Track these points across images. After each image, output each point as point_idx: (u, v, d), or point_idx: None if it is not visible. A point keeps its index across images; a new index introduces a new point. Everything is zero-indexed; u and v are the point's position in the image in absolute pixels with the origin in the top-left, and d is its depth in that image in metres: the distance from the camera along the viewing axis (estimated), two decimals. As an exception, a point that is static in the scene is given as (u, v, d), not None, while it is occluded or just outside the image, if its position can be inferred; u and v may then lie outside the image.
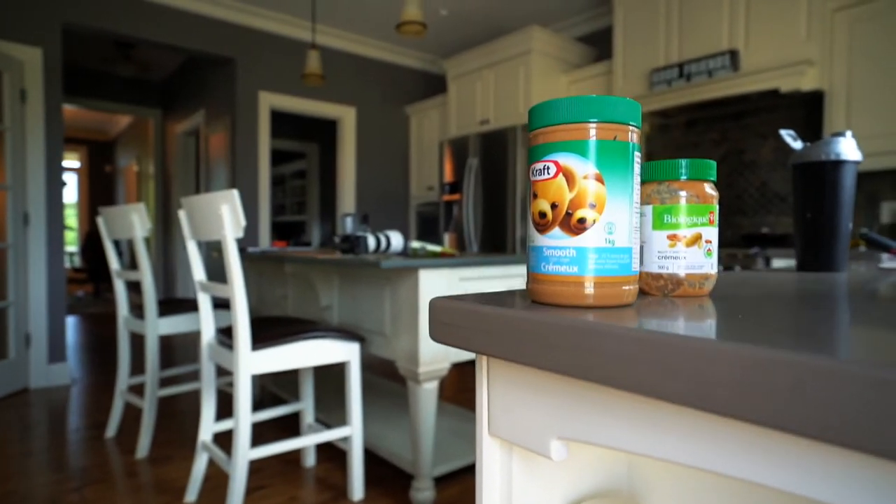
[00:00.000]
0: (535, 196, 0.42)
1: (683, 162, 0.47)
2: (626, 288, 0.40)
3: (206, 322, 1.76)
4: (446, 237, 3.94)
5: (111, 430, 2.34)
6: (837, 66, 2.50)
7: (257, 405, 2.76)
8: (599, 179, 0.39)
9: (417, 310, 1.69)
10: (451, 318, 0.44)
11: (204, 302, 1.76)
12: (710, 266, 0.47)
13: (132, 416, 2.63)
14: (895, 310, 0.39)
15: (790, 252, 2.36)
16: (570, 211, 0.39)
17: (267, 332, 1.64)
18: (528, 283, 0.43)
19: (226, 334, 1.69)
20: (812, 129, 2.84)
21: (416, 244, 1.85)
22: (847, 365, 0.22)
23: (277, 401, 2.84)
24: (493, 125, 3.84)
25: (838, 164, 0.80)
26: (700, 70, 2.79)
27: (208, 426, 1.77)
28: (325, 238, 6.51)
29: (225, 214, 1.51)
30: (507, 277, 1.92)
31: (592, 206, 0.39)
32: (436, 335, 0.46)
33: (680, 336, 0.29)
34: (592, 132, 0.39)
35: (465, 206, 3.79)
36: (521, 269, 1.96)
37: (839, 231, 0.81)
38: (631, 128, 0.40)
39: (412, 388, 1.74)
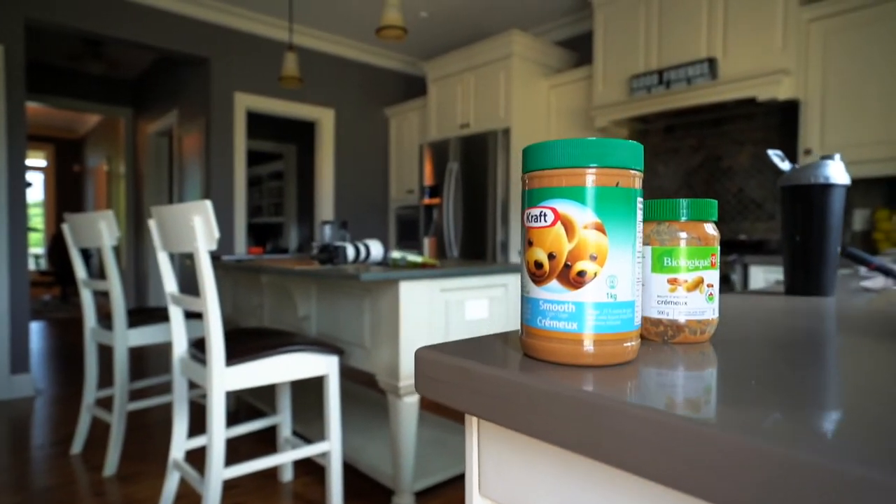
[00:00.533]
0: (531, 244, 0.38)
1: (684, 202, 0.45)
2: (628, 344, 0.37)
3: (178, 336, 1.70)
4: (426, 242, 3.90)
5: (77, 446, 2.25)
6: (812, 76, 2.54)
7: (233, 417, 2.69)
8: (600, 229, 0.36)
9: (398, 322, 1.65)
10: (437, 374, 0.41)
11: (175, 315, 1.69)
12: (712, 311, 0.45)
13: (100, 430, 2.54)
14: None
15: (767, 259, 2.38)
16: (568, 263, 0.36)
17: (242, 345, 1.58)
18: (521, 334, 0.40)
19: (199, 348, 1.63)
20: (787, 137, 2.88)
21: (396, 254, 1.81)
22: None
23: (254, 412, 2.77)
24: (473, 129, 3.82)
25: (827, 187, 0.79)
26: (679, 77, 2.81)
27: (180, 443, 1.71)
28: (303, 241, 6.41)
29: (197, 226, 1.45)
30: (488, 287, 1.89)
31: (593, 258, 0.36)
32: (422, 389, 0.42)
33: (691, 421, 0.26)
34: (593, 178, 0.36)
35: (445, 210, 3.76)
36: (503, 279, 1.94)
37: (827, 255, 0.80)
38: (633, 173, 0.37)
39: (393, 402, 1.70)
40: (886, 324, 0.54)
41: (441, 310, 1.75)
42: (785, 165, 0.86)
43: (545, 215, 0.37)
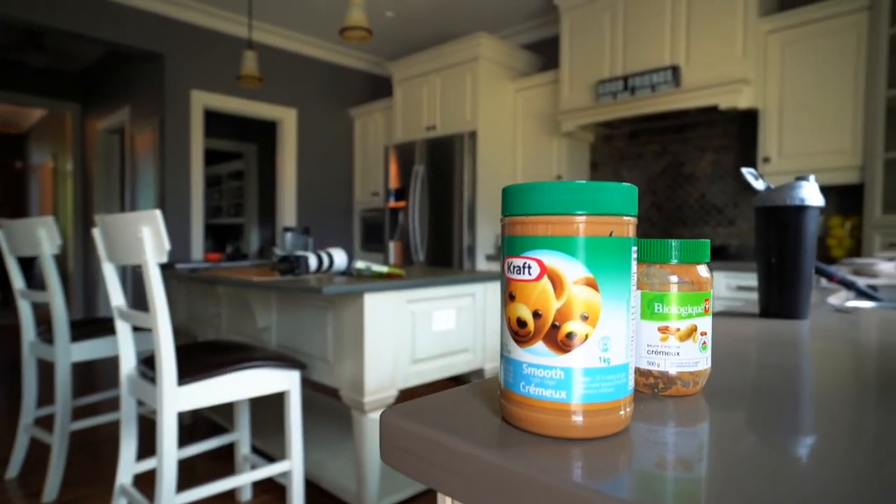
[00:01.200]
0: (513, 298, 0.34)
1: (674, 243, 0.41)
2: (622, 413, 0.33)
3: (126, 352, 1.59)
4: (392, 245, 3.83)
5: (13, 470, 2.09)
6: (770, 86, 2.59)
7: (189, 432, 2.57)
8: (592, 285, 0.32)
9: (362, 335, 1.59)
10: (406, 444, 0.36)
11: (123, 330, 1.58)
12: (706, 361, 0.41)
13: (40, 452, 2.38)
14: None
15: (729, 265, 2.42)
16: (556, 323, 0.32)
17: (195, 362, 1.49)
18: (501, 397, 0.36)
19: (148, 365, 1.53)
20: (747, 144, 2.94)
21: (360, 264, 1.75)
22: None
23: (212, 427, 2.65)
24: (439, 131, 3.77)
25: (802, 209, 0.77)
26: (644, 84, 2.83)
27: (128, 467, 1.60)
28: (264, 243, 6.23)
29: (146, 238, 1.35)
30: (455, 297, 1.85)
31: (584, 318, 0.32)
32: (389, 459, 0.37)
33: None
34: (583, 227, 0.32)
35: (411, 213, 3.70)
36: (470, 288, 1.90)
37: (802, 277, 0.78)
38: (628, 220, 0.33)
39: (357, 418, 1.64)
40: (868, 360, 0.51)
41: (407, 321, 1.70)
42: (759, 184, 0.85)
43: (529, 268, 0.33)
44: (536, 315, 0.33)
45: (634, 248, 0.34)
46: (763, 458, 0.29)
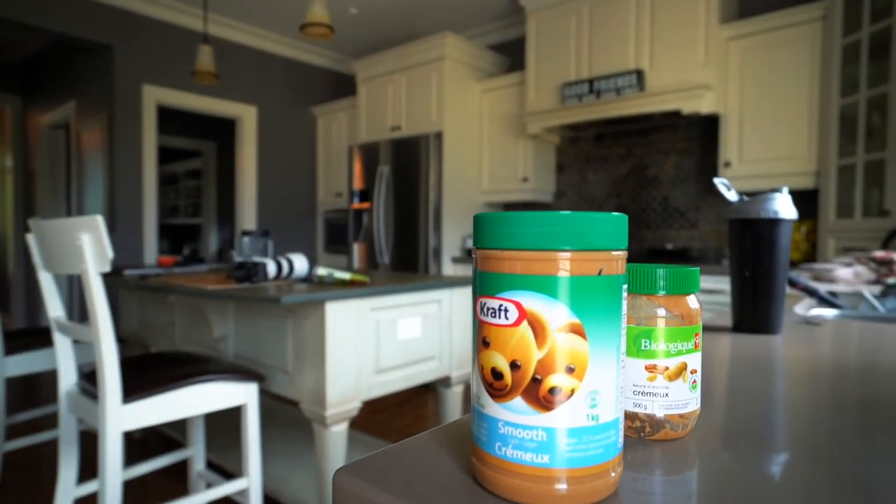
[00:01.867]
0: (487, 344, 0.29)
1: (661, 272, 0.37)
2: (612, 475, 0.29)
3: (65, 367, 1.48)
4: (356, 247, 3.75)
5: (-56, 494, 1.93)
6: (731, 92, 2.64)
7: (140, 448, 2.43)
8: (579, 332, 0.28)
9: (324, 345, 1.52)
10: (364, 513, 0.31)
11: (62, 344, 1.47)
12: (695, 401, 0.38)
13: (-23, 469, 2.21)
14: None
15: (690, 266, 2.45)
16: (537, 376, 0.28)
17: (143, 377, 1.40)
18: (472, 455, 0.31)
19: (91, 381, 1.42)
20: (709, 149, 2.99)
21: (322, 270, 1.68)
22: None
23: (165, 441, 2.52)
24: (405, 132, 3.71)
25: (776, 222, 0.75)
26: (609, 87, 2.84)
27: (67, 491, 1.49)
28: (223, 245, 6.03)
29: (86, 245, 1.25)
30: (421, 304, 1.80)
31: (569, 371, 0.27)
32: (343, 528, 0.32)
33: None
34: (568, 265, 0.27)
35: (375, 215, 3.63)
36: (436, 295, 1.85)
37: (776, 291, 0.77)
38: (618, 255, 0.29)
39: (318, 431, 1.57)
40: (851, 383, 0.49)
41: (371, 330, 1.64)
42: (731, 195, 0.83)
43: (506, 311, 0.28)
44: (514, 366, 0.28)
45: (625, 287, 0.30)
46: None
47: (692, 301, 0.38)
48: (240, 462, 2.04)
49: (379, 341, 1.66)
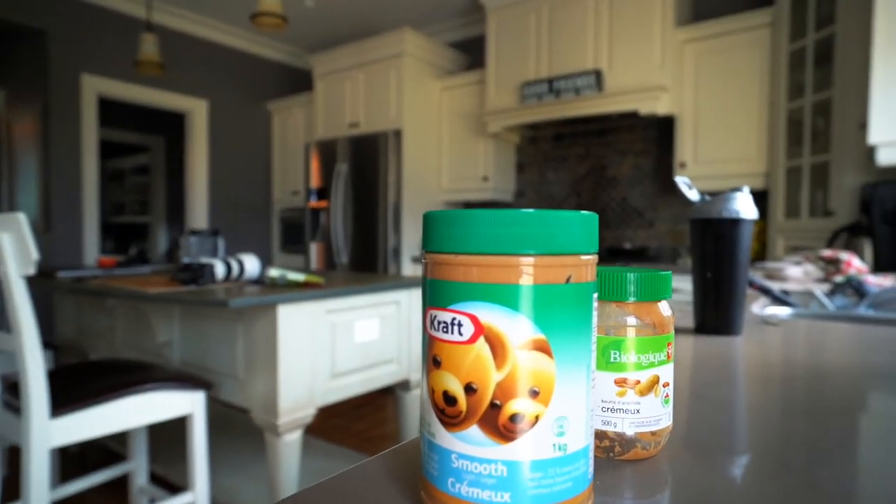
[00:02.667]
0: (438, 364, 0.25)
1: (631, 277, 0.34)
2: (581, 512, 0.25)
3: (-12, 380, 1.35)
4: (313, 247, 3.65)
5: None
6: (686, 94, 2.69)
7: (77, 462, 2.28)
8: (544, 349, 0.24)
9: (276, 350, 1.45)
10: (295, 565, 0.26)
11: (-16, 354, 1.34)
12: (668, 417, 0.35)
13: None
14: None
15: (648, 265, 2.48)
16: (496, 402, 0.24)
17: (76, 387, 1.29)
18: (422, 490, 0.27)
19: (15, 393, 1.31)
20: (665, 150, 3.04)
21: (274, 272, 1.60)
22: None
23: (105, 454, 2.37)
24: (363, 129, 3.63)
25: (737, 222, 0.74)
26: (568, 87, 2.85)
27: (-7, 514, 1.37)
28: (173, 244, 5.78)
29: (6, 246, 1.14)
30: (378, 305, 1.75)
31: (533, 395, 0.24)
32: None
33: None
34: (531, 272, 0.23)
35: (333, 214, 3.54)
36: (395, 296, 1.80)
37: (737, 292, 0.76)
38: (588, 259, 0.25)
39: (270, 441, 1.50)
40: (815, 384, 0.48)
41: (326, 333, 1.58)
42: (693, 194, 0.82)
43: (460, 326, 0.24)
44: (470, 390, 0.24)
45: (595, 296, 0.26)
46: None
47: (664, 308, 0.35)
48: (186, 475, 1.94)
49: (335, 345, 1.60)
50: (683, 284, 2.34)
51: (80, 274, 1.85)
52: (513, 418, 0.23)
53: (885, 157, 1.79)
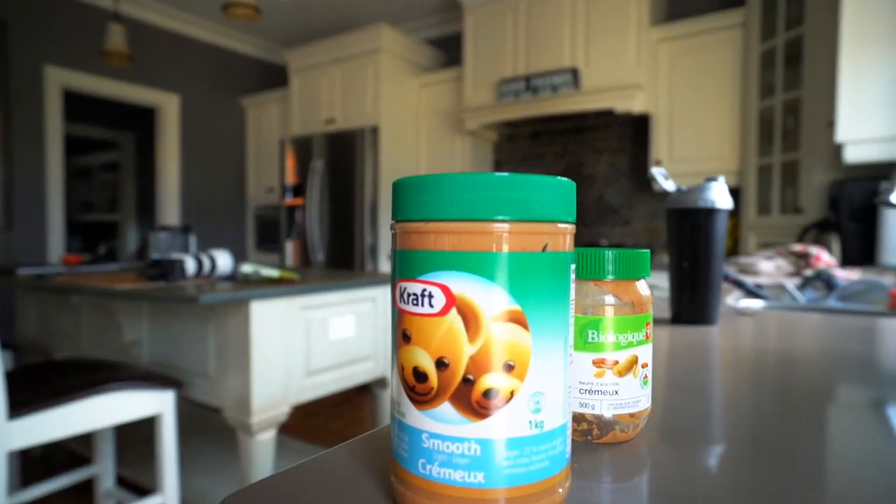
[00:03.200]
0: (408, 339, 0.24)
1: (609, 255, 0.33)
2: (559, 492, 0.24)
3: (-58, 381, 1.29)
4: (289, 245, 3.60)
5: None
6: (661, 92, 2.73)
7: (41, 464, 2.20)
8: (520, 321, 0.22)
9: (249, 347, 1.42)
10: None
11: (-63, 354, 1.28)
12: (647, 399, 0.34)
13: None
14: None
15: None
16: (469, 376, 0.22)
17: (37, 387, 1.24)
18: (392, 475, 0.25)
19: (-26, 396, 1.25)
20: (640, 148, 3.08)
21: (247, 268, 1.57)
22: None
23: (71, 457, 2.29)
24: (340, 125, 3.59)
25: (712, 212, 0.75)
26: (545, 85, 2.86)
27: (-53, 522, 1.30)
28: (144, 243, 5.64)
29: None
30: (354, 302, 1.72)
31: (508, 369, 0.22)
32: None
33: None
34: (507, 239, 0.22)
35: (309, 211, 3.49)
36: (371, 292, 1.78)
37: (713, 282, 0.76)
38: (565, 228, 0.24)
39: (243, 440, 1.46)
40: (789, 370, 0.48)
41: (301, 330, 1.55)
42: (668, 184, 0.82)
43: (431, 297, 0.23)
44: (441, 364, 0.23)
45: (573, 267, 0.25)
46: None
47: (642, 287, 0.34)
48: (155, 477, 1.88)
49: (309, 342, 1.57)
50: (660, 281, 2.37)
51: (42, 271, 1.78)
52: (486, 394, 0.22)
53: (851, 155, 1.83)
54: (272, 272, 1.56)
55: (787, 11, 2.33)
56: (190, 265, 1.57)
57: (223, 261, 1.67)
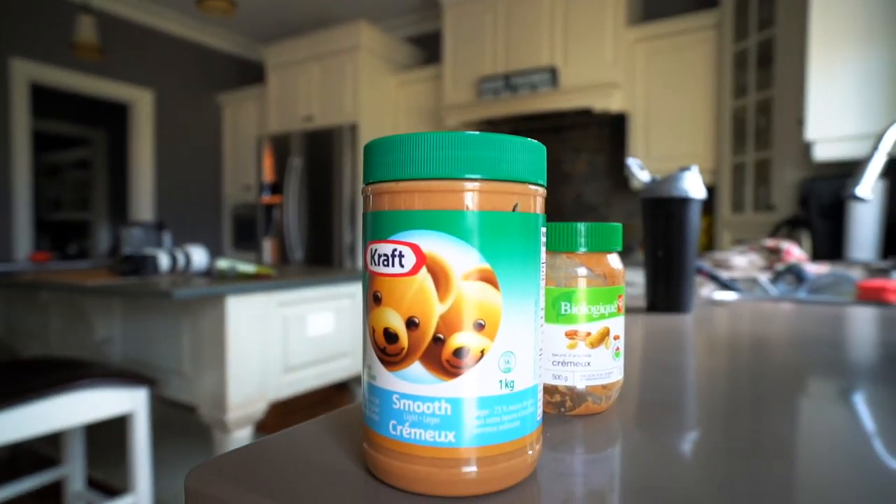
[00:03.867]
0: (378, 300, 0.23)
1: (581, 227, 0.33)
2: (529, 454, 0.24)
3: None
4: (266, 244, 3.55)
5: None
6: (638, 91, 2.76)
7: (6, 467, 2.13)
8: (490, 280, 0.22)
9: (224, 343, 1.40)
10: (222, 524, 0.24)
11: None
12: (619, 371, 0.34)
13: None
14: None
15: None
16: (439, 335, 0.22)
17: (1, 385, 1.20)
18: (364, 441, 0.25)
19: (-65, 395, 1.20)
20: (618, 147, 3.12)
21: (223, 263, 1.54)
22: None
23: (39, 459, 2.23)
24: (318, 122, 3.56)
25: (686, 201, 0.76)
26: (524, 83, 2.88)
27: None
28: (116, 242, 5.51)
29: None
30: (333, 298, 1.71)
31: (479, 327, 0.22)
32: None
33: None
34: (477, 198, 0.22)
35: (287, 209, 3.46)
36: (350, 288, 1.77)
37: (687, 270, 0.77)
38: (536, 189, 0.24)
39: (219, 439, 1.44)
40: (761, 351, 0.49)
41: (278, 326, 1.53)
42: (644, 175, 0.83)
43: (401, 256, 0.23)
44: (411, 324, 0.23)
45: (543, 230, 0.25)
46: (686, 482, 0.22)
47: (614, 260, 0.34)
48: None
49: (287, 338, 1.56)
50: (635, 277, 2.40)
51: (8, 268, 1.73)
52: (457, 353, 0.22)
53: (821, 153, 1.88)
54: (249, 267, 1.54)
55: (759, 12, 2.38)
56: (163, 260, 1.54)
57: (198, 256, 1.65)
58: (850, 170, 1.97)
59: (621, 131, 3.09)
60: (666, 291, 0.78)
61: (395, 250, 0.23)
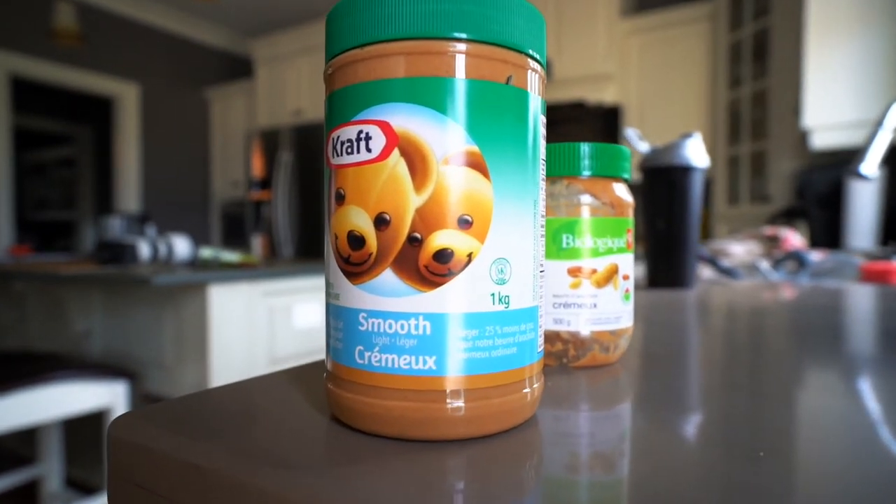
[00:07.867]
0: (342, 199, 0.19)
1: (585, 148, 0.29)
2: (527, 391, 0.19)
3: None
4: (256, 240, 3.49)
5: None
6: (632, 83, 2.74)
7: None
8: (479, 166, 0.18)
9: (207, 334, 1.34)
10: (149, 478, 0.19)
11: None
12: (629, 316, 0.30)
13: None
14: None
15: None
16: (416, 234, 0.18)
17: (-29, 381, 1.14)
18: (327, 380, 0.20)
19: None
20: (612, 139, 3.09)
21: (207, 252, 1.49)
22: None
23: (12, 458, 2.15)
24: (308, 116, 3.51)
25: (688, 169, 0.72)
26: (516, 76, 2.84)
27: None
28: (99, 238, 5.42)
29: None
30: (320, 290, 1.66)
31: (466, 224, 0.18)
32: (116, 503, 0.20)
33: None
34: (463, 63, 0.18)
35: (276, 205, 3.40)
36: (340, 279, 1.71)
37: (690, 243, 0.73)
38: (534, 64, 0.20)
39: (201, 433, 1.38)
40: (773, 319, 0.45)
41: (264, 317, 1.48)
42: (643, 145, 0.79)
43: (368, 139, 0.18)
44: (381, 222, 0.18)
45: (543, 120, 0.21)
46: (702, 446, 0.17)
47: (621, 189, 0.30)
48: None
49: (273, 329, 1.50)
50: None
51: (-16, 259, 1.67)
52: (438, 256, 0.18)
53: (818, 141, 1.86)
54: (232, 256, 1.49)
55: (754, 2, 2.36)
56: (144, 249, 1.48)
57: (182, 246, 1.59)
58: (847, 158, 1.95)
59: (615, 125, 3.06)
60: (667, 266, 0.74)
61: (360, 132, 0.18)
